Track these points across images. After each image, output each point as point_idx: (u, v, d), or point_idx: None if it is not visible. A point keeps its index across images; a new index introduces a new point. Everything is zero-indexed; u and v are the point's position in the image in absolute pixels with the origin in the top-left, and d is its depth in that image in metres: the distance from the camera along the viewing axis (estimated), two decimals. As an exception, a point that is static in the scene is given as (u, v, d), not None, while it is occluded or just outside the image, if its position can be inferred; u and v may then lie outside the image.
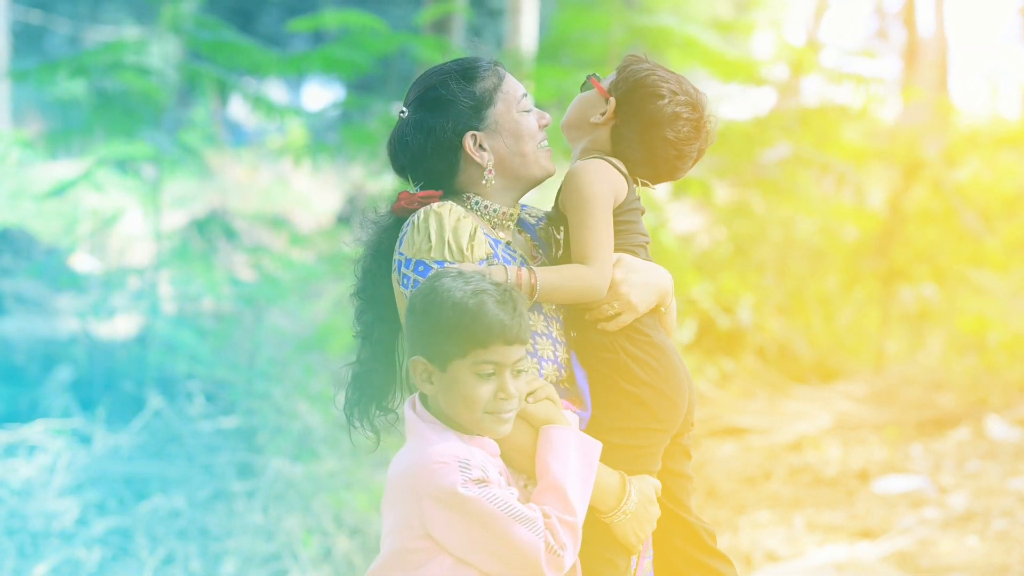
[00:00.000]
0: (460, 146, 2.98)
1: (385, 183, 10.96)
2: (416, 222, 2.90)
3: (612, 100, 3.15)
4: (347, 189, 14.75)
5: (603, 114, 3.16)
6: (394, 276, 2.93)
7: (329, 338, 8.55)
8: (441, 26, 11.89)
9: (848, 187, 12.18)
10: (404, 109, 3.02)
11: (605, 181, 3.06)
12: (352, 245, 3.11)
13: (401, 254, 2.91)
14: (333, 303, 9.81)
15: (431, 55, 8.87)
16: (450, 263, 2.85)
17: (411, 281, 2.87)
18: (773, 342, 10.49)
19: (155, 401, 6.86)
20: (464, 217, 2.92)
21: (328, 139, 16.88)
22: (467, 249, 2.88)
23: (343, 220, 12.89)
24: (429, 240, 2.87)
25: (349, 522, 6.03)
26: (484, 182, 3.01)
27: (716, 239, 11.69)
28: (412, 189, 2.98)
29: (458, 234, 2.88)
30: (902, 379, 10.38)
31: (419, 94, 3.01)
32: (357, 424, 3.03)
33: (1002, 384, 9.98)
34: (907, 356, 11.04)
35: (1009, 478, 7.71)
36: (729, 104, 14.06)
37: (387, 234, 3.00)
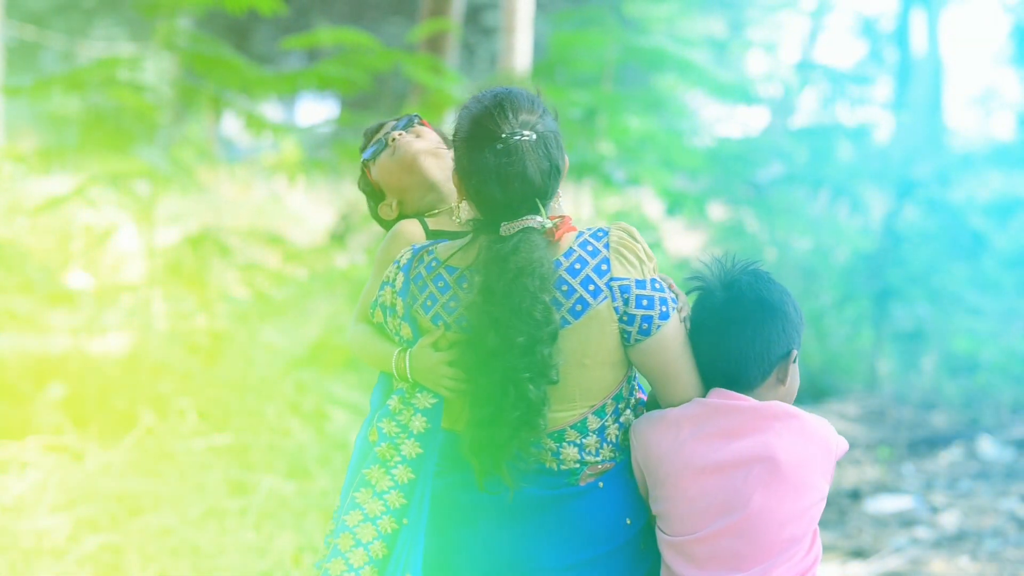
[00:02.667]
0: None
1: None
2: (627, 243, 2.85)
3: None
4: (340, 206, 14.74)
5: None
6: (606, 304, 2.81)
7: (322, 355, 8.56)
8: (434, 44, 11.91)
9: (842, 207, 12.22)
10: (526, 132, 2.82)
11: None
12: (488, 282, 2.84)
13: (618, 279, 2.81)
14: (326, 320, 9.81)
15: (424, 73, 8.88)
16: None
17: (656, 300, 2.83)
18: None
19: (147, 418, 6.85)
20: None
21: (321, 156, 16.89)
22: None
23: (336, 237, 12.89)
24: (650, 257, 2.87)
25: (341, 540, 6.01)
26: (561, 202, 2.97)
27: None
28: (544, 215, 2.84)
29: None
30: (895, 398, 10.39)
31: (536, 115, 2.85)
32: (505, 472, 2.86)
33: (994, 404, 10.00)
34: (900, 375, 11.05)
35: (1001, 498, 7.72)
36: (723, 123, 14.11)
37: (551, 265, 2.81)
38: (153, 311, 7.83)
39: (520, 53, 11.12)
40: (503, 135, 2.80)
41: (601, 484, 2.91)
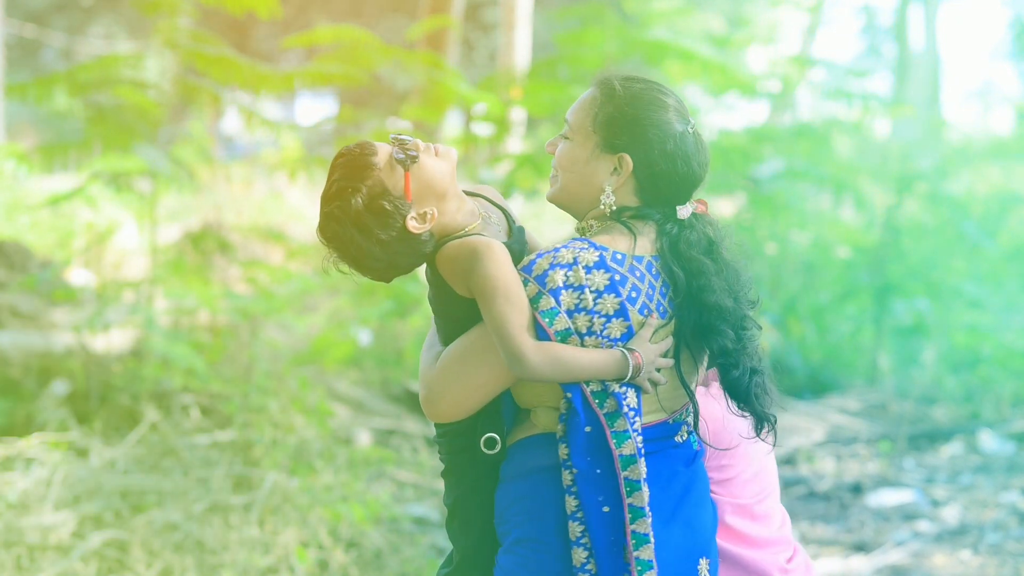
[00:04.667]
0: None
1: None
2: None
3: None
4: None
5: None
6: None
7: (325, 351, 8.57)
8: (434, 41, 11.93)
9: (842, 201, 12.22)
10: (692, 120, 2.92)
11: None
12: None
13: None
14: (329, 316, 9.82)
15: (425, 69, 8.89)
16: None
17: None
18: (767, 356, 10.49)
19: (151, 414, 6.87)
20: None
21: (322, 153, 16.89)
22: None
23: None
24: None
25: (345, 535, 6.04)
26: None
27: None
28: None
29: None
30: (896, 393, 10.41)
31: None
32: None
33: (995, 398, 10.01)
34: (900, 370, 11.06)
35: (1002, 492, 7.74)
36: (722, 117, 14.12)
37: None
38: (155, 308, 7.84)
39: (520, 49, 11.15)
40: (691, 120, 2.90)
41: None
